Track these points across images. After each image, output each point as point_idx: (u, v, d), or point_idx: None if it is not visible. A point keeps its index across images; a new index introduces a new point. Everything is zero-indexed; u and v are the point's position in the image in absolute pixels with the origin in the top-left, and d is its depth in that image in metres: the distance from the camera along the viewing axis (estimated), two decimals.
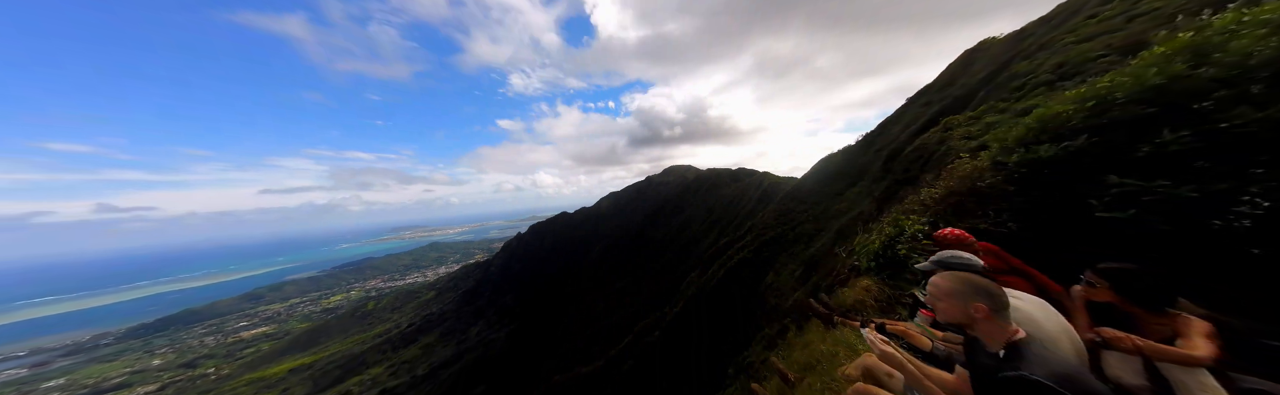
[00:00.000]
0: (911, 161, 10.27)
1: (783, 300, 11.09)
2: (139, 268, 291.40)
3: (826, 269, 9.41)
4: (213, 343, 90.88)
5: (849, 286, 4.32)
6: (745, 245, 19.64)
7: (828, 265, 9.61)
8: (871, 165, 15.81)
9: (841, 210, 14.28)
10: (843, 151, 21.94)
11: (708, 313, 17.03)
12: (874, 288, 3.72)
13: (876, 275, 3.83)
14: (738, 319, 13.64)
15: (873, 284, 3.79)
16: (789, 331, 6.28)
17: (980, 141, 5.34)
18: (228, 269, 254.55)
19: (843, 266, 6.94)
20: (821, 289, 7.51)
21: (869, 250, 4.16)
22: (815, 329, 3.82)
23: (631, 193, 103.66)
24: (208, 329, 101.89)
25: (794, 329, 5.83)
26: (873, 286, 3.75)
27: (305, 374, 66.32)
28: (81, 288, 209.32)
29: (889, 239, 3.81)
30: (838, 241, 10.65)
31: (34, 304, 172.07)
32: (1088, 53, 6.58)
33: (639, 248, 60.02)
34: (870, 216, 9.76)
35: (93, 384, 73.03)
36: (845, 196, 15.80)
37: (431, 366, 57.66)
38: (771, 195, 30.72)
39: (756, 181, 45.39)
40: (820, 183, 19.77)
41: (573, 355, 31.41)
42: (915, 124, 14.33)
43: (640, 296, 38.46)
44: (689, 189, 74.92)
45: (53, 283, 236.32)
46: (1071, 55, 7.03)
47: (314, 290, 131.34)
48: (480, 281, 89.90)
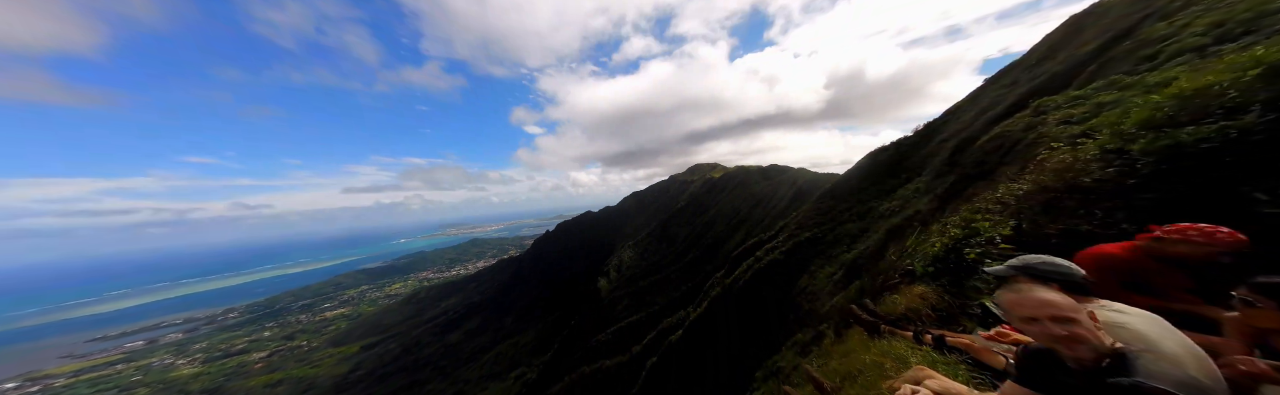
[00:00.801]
0: (987, 153, 8.90)
1: (818, 305, 10.33)
2: (254, 256, 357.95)
3: (872, 273, 8.56)
4: (305, 320, 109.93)
5: (900, 293, 3.84)
6: (776, 246, 18.58)
7: (874, 269, 8.73)
8: (933, 159, 14.00)
9: (892, 209, 12.83)
10: (896, 144, 19.60)
11: (733, 314, 16.48)
12: (931, 295, 3.26)
13: (935, 282, 3.32)
14: (767, 322, 13.00)
15: (930, 291, 3.32)
16: (826, 338, 5.83)
17: (1085, 127, 4.36)
18: (318, 258, 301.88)
19: (892, 271, 6.27)
20: (866, 294, 6.86)
21: (927, 254, 3.66)
22: (857, 337, 3.46)
23: (655, 192, 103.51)
24: (302, 308, 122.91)
25: (832, 336, 5.39)
26: (930, 294, 3.29)
27: (373, 351, 77.86)
28: (216, 271, 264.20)
29: (955, 242, 3.32)
30: (887, 244, 9.63)
31: (186, 284, 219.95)
32: (1264, 5, 5.03)
33: (662, 247, 59.91)
34: (929, 216, 8.66)
35: (224, 348, 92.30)
36: (897, 194, 14.17)
37: (474, 350, 63.44)
38: (807, 193, 28.63)
39: (789, 179, 42.64)
40: (867, 179, 17.91)
41: (599, 348, 32.43)
42: (995, 108, 12.36)
43: (663, 295, 38.42)
44: (714, 187, 72.82)
45: (199, 266, 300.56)
46: (1237, 10, 5.41)
47: (379, 279, 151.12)
48: (513, 275, 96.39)
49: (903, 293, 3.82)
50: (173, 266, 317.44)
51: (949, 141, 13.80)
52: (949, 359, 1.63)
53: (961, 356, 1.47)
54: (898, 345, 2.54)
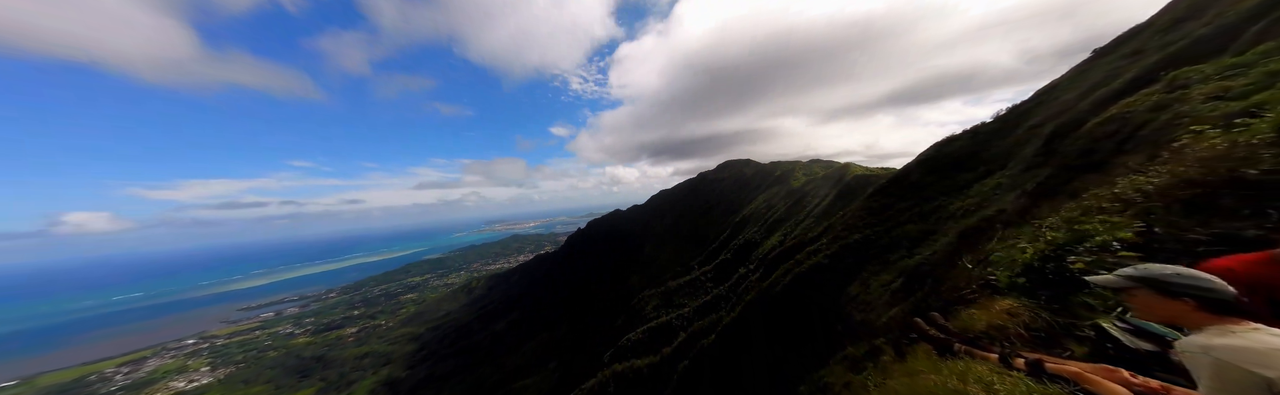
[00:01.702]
0: (1097, 139, 7.25)
1: (872, 316, 9.24)
2: (347, 245, 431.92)
3: (941, 283, 7.41)
4: (383, 302, 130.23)
5: (979, 307, 3.22)
6: (819, 248, 17.05)
7: (942, 278, 7.56)
8: (1020, 148, 11.73)
9: (966, 209, 10.99)
10: (969, 133, 16.71)
11: (770, 321, 15.49)
12: (1023, 312, 2.66)
13: (1027, 295, 2.74)
14: (810, 332, 11.98)
15: (1020, 306, 2.72)
16: (884, 354, 5.18)
17: (1247, 103, 3.28)
18: (392, 248, 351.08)
19: (968, 280, 5.38)
20: (933, 307, 5.99)
21: (1015, 262, 3.06)
22: (923, 356, 2.96)
23: (683, 190, 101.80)
24: (380, 292, 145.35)
25: (891, 352, 4.77)
26: (1020, 310, 2.68)
27: (435, 333, 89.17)
28: (321, 257, 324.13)
29: (1054, 248, 2.72)
30: (959, 248, 8.29)
31: (300, 267, 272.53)
32: None
33: (691, 247, 58.64)
34: (1016, 217, 7.25)
35: (326, 322, 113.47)
36: (971, 191, 12.08)
37: (516, 340, 68.60)
38: (855, 190, 25.79)
39: (834, 175, 38.82)
40: (932, 174, 15.53)
41: (630, 347, 32.86)
42: (1110, 84, 9.98)
43: (693, 297, 37.56)
44: (747, 185, 69.34)
45: (309, 253, 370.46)
46: None
47: (439, 268, 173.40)
48: (548, 271, 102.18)
49: (983, 307, 3.21)
50: (292, 252, 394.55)
51: (1042, 127, 11.46)
52: (1050, 389, 1.32)
53: (1067, 387, 1.19)
54: (979, 368, 2.10)
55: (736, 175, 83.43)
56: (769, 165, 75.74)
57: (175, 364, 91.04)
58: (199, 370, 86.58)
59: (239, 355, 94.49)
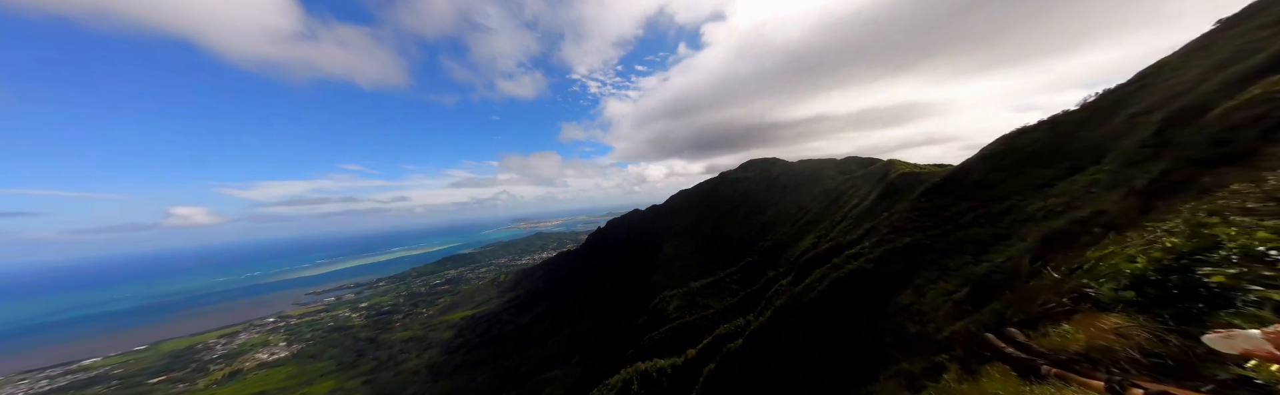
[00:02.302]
0: (1235, 126, 6.04)
1: (930, 329, 8.36)
2: (394, 239, 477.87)
3: (1020, 294, 6.50)
4: (424, 292, 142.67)
5: (1074, 324, 2.68)
6: (861, 252, 15.80)
7: (1022, 289, 6.63)
8: (1120, 139, 10.01)
9: (1049, 210, 9.57)
10: (1047, 124, 14.51)
11: (807, 328, 14.62)
12: (1137, 332, 2.12)
13: (1141, 312, 2.26)
14: (854, 342, 11.13)
15: (1134, 326, 2.19)
16: (946, 372, 4.62)
17: None
18: (431, 243, 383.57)
19: (1057, 292, 4.65)
20: (1010, 321, 5.26)
21: (1122, 271, 2.59)
22: (999, 377, 2.51)
23: (704, 190, 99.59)
24: (421, 282, 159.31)
25: (956, 371, 4.22)
26: (1134, 330, 2.14)
27: (472, 321, 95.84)
28: (372, 250, 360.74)
29: (1176, 256, 2.26)
30: (1042, 255, 7.24)
31: (354, 258, 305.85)
32: None
33: (714, 248, 57.24)
34: (1121, 219, 6.17)
35: (377, 308, 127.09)
36: (1055, 190, 10.50)
37: (541, 333, 71.53)
38: (901, 190, 23.57)
39: (875, 172, 35.78)
40: (1000, 170, 13.72)
41: (652, 346, 32.84)
42: (1247, 61, 8.20)
43: (717, 299, 36.64)
44: (774, 185, 66.27)
45: (361, 246, 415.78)
46: None
47: (472, 262, 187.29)
48: (570, 268, 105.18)
49: (1080, 324, 2.68)
50: (347, 244, 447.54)
51: (1150, 114, 9.72)
52: None
53: None
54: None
55: (761, 174, 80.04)
56: (797, 164, 71.78)
57: (259, 338, 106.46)
58: (278, 345, 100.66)
59: (308, 333, 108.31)
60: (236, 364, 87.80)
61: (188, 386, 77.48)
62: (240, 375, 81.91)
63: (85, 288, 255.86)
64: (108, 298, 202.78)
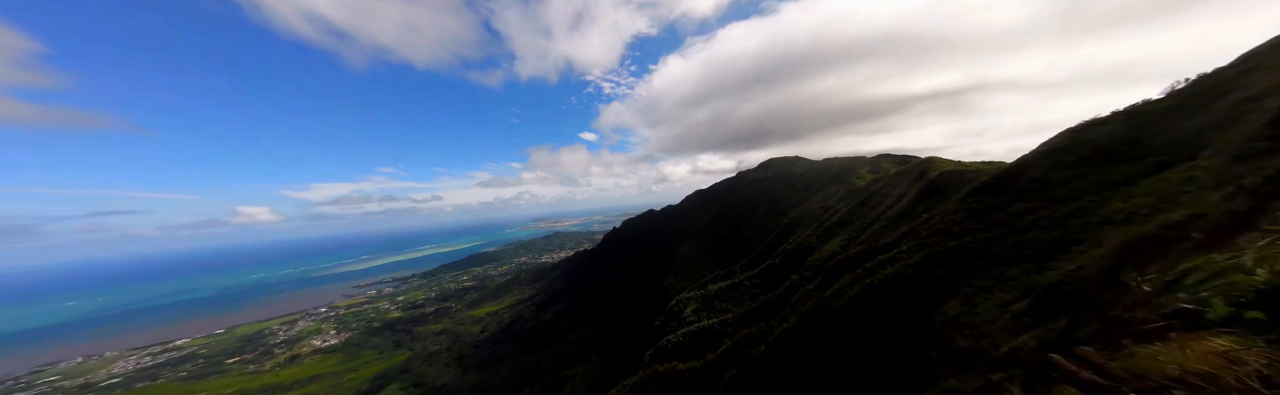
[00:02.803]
0: None
1: (984, 344, 7.54)
2: (426, 237, 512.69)
3: (1096, 308, 5.68)
4: (453, 288, 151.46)
5: (1168, 345, 2.21)
6: (898, 257, 14.64)
7: (1098, 302, 5.79)
8: (1221, 130, 8.54)
9: (1132, 212, 8.31)
10: (1124, 115, 12.65)
11: (835, 336, 13.76)
12: (1253, 357, 1.73)
13: (1259, 333, 1.85)
14: (890, 353, 10.30)
15: (1248, 348, 1.81)
16: (1004, 393, 4.10)
17: None
18: (459, 241, 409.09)
19: (1145, 308, 4.02)
20: (1082, 339, 4.62)
21: (1236, 285, 2.24)
22: None
23: (721, 190, 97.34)
24: (450, 278, 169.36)
25: (1017, 393, 3.72)
26: (1250, 355, 1.75)
27: (494, 317, 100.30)
28: (407, 247, 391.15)
29: None
30: (1122, 263, 6.31)
31: (391, 255, 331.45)
32: None
33: (733, 249, 55.67)
34: (1228, 223, 5.21)
35: (411, 301, 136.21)
36: (1138, 189, 9.11)
37: (561, 330, 73.27)
38: (944, 189, 21.59)
39: (912, 171, 33.08)
40: (1067, 167, 12.14)
41: (670, 349, 32.52)
42: None
43: (737, 303, 35.56)
44: (796, 184, 63.42)
45: (398, 243, 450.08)
46: None
47: (495, 260, 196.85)
48: (586, 268, 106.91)
49: (1176, 345, 2.23)
50: (385, 242, 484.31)
51: (1263, 100, 8.22)
52: None
53: None
54: None
55: (783, 174, 76.89)
56: (823, 162, 68.22)
57: (314, 326, 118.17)
58: (329, 333, 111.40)
59: (354, 323, 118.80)
60: (296, 349, 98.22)
61: (257, 368, 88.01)
62: (299, 359, 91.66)
63: (173, 277, 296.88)
64: (192, 286, 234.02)
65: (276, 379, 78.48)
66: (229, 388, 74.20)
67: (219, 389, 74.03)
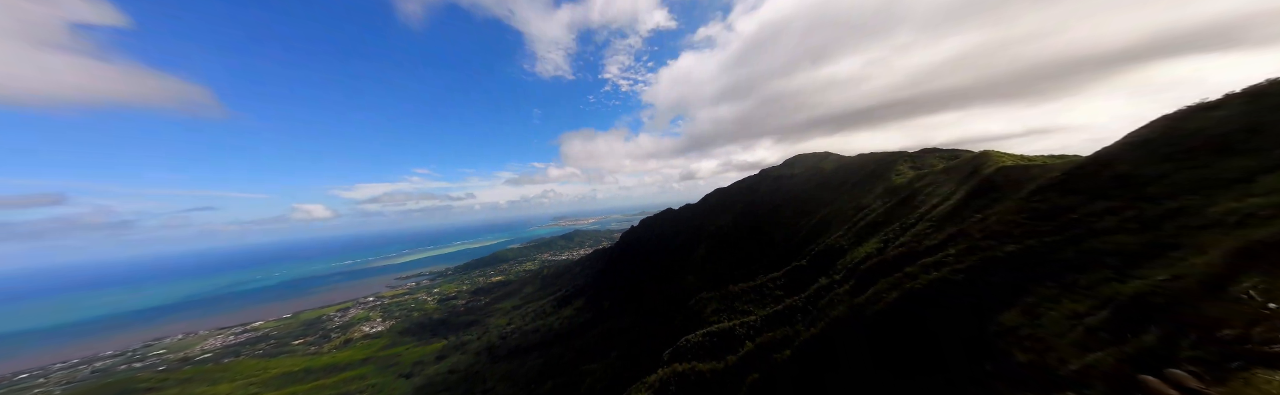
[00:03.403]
0: None
1: (1050, 359, 6.74)
2: (458, 233, 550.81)
3: (1196, 324, 4.87)
4: (482, 281, 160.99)
5: None
6: (945, 261, 13.40)
7: (1198, 318, 4.98)
8: None
9: (1249, 213, 7.01)
10: (1242, 98, 10.56)
11: (870, 343, 12.90)
12: None
13: None
14: (933, 362, 9.50)
15: None
16: None
17: None
18: (487, 237, 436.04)
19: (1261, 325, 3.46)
20: (1177, 359, 4.08)
21: None
22: None
23: (742, 188, 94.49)
24: (480, 273, 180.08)
25: None
26: None
27: (519, 311, 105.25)
28: (440, 242, 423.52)
29: None
30: (1233, 273, 5.41)
31: (427, 250, 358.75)
32: None
33: (754, 250, 53.84)
34: None
35: (446, 294, 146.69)
36: (1258, 186, 7.63)
37: (582, 326, 75.27)
38: (1001, 187, 19.38)
39: (963, 166, 30.02)
40: (1164, 160, 10.39)
41: (690, 349, 32.27)
42: None
43: (759, 305, 34.40)
44: (827, 182, 59.99)
45: (432, 239, 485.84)
46: None
47: (519, 256, 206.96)
48: (606, 265, 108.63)
49: None
50: (422, 238, 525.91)
51: None
52: None
53: None
54: None
55: (811, 171, 73.01)
56: (858, 158, 63.79)
57: (363, 314, 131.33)
58: (376, 320, 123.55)
59: (397, 312, 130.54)
60: (349, 333, 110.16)
61: (317, 349, 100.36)
62: (351, 343, 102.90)
63: (247, 267, 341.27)
64: (262, 276, 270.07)
65: (333, 360, 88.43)
66: (296, 366, 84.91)
67: (288, 366, 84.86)
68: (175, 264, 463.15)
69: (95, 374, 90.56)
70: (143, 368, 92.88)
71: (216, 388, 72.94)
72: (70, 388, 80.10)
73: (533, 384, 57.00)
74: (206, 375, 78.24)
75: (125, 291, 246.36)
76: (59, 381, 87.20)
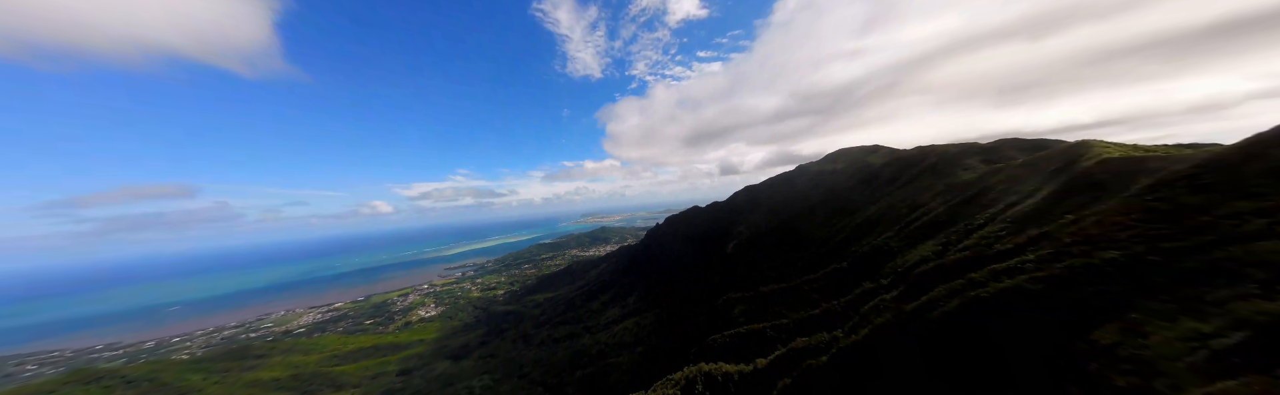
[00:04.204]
0: None
1: (1160, 384, 5.67)
2: (499, 228, 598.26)
3: None
4: (517, 274, 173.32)
5: None
6: (1022, 266, 11.65)
7: None
8: None
9: None
10: None
11: (923, 353, 11.70)
12: None
13: None
14: (1001, 379, 8.39)
15: None
16: None
17: None
18: (523, 232, 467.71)
19: None
20: None
21: None
22: None
23: (775, 185, 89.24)
24: (515, 266, 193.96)
25: None
26: None
27: (550, 299, 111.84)
28: (482, 236, 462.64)
29: None
30: None
31: (471, 243, 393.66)
32: None
33: (788, 250, 50.84)
34: None
35: (487, 284, 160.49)
36: None
37: (608, 320, 77.69)
38: (1105, 183, 16.11)
39: (1053, 158, 25.36)
40: None
41: (716, 348, 31.75)
42: None
43: (793, 308, 32.57)
44: (875, 178, 54.62)
45: (476, 233, 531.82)
46: None
47: (551, 250, 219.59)
48: (630, 262, 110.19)
49: None
50: (467, 232, 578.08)
51: None
52: None
53: None
54: None
55: (856, 166, 66.72)
56: (913, 151, 56.95)
57: (419, 300, 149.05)
58: (429, 306, 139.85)
59: (447, 299, 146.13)
60: (408, 317, 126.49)
61: (383, 329, 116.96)
62: (410, 325, 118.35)
63: (328, 256, 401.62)
64: (340, 263, 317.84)
65: (396, 339, 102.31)
66: (367, 343, 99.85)
67: (361, 343, 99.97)
68: (274, 252, 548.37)
69: (223, 341, 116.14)
70: (256, 337, 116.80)
71: (309, 357, 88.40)
72: (208, 350, 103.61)
73: (563, 372, 60.33)
74: (300, 347, 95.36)
75: (241, 274, 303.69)
76: (201, 345, 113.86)
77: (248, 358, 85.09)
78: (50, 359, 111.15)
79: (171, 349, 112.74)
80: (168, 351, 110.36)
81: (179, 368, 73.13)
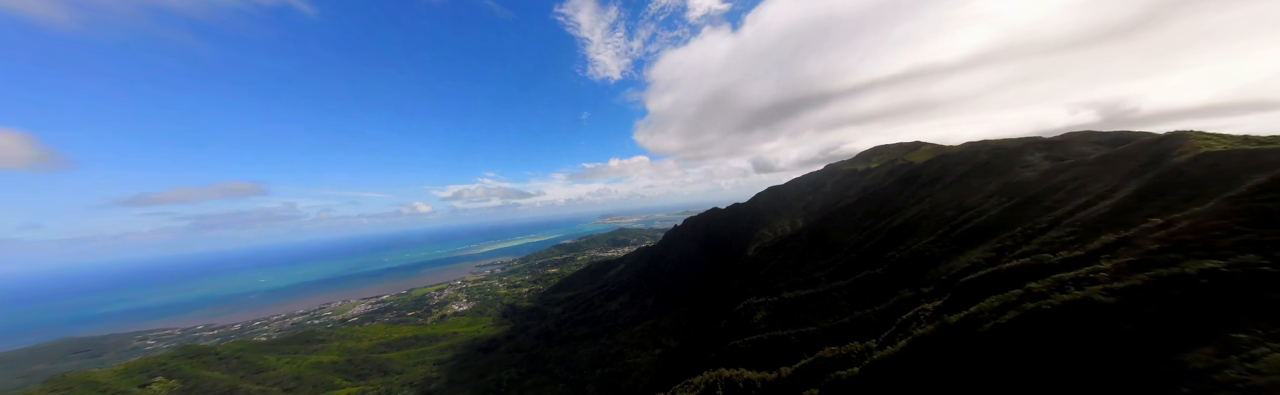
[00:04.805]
0: None
1: None
2: (519, 229, 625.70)
3: None
4: (540, 273, 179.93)
5: None
6: (1092, 276, 10.26)
7: None
8: None
9: None
10: None
11: (970, 369, 10.63)
12: None
13: None
14: None
15: None
16: None
17: None
18: (545, 233, 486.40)
19: None
20: None
21: None
22: None
23: (801, 186, 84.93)
24: (538, 265, 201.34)
25: None
26: None
27: (572, 300, 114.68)
28: (508, 236, 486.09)
29: None
30: None
31: (498, 242, 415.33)
32: None
33: (816, 254, 48.11)
34: None
35: (513, 281, 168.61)
36: None
37: (627, 320, 78.09)
38: (1201, 181, 13.67)
39: (1135, 154, 21.95)
40: None
41: (737, 354, 30.78)
42: None
43: (820, 316, 30.74)
44: (914, 178, 50.50)
45: (502, 233, 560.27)
46: None
47: (571, 251, 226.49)
48: (648, 264, 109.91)
49: None
50: (495, 232, 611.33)
51: None
52: None
53: None
54: None
55: (894, 166, 61.91)
56: (963, 147, 51.79)
57: (453, 295, 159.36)
58: (462, 300, 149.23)
59: (477, 295, 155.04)
60: (443, 310, 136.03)
61: (422, 321, 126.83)
62: (445, 319, 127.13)
63: (375, 252, 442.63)
64: (388, 258, 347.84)
65: (433, 331, 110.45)
66: (409, 333, 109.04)
67: (404, 333, 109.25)
68: (332, 248, 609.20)
69: (293, 326, 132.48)
70: (318, 324, 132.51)
71: (360, 344, 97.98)
72: (280, 334, 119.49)
73: (585, 370, 61.45)
74: (353, 334, 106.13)
75: (304, 267, 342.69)
76: (275, 329, 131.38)
77: (312, 342, 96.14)
78: (166, 335, 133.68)
79: (253, 331, 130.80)
80: (251, 333, 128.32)
81: (258, 348, 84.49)
